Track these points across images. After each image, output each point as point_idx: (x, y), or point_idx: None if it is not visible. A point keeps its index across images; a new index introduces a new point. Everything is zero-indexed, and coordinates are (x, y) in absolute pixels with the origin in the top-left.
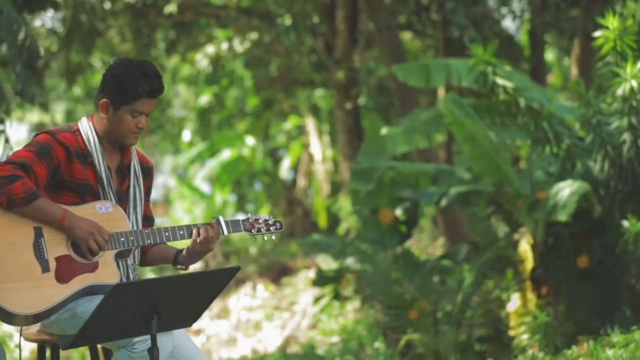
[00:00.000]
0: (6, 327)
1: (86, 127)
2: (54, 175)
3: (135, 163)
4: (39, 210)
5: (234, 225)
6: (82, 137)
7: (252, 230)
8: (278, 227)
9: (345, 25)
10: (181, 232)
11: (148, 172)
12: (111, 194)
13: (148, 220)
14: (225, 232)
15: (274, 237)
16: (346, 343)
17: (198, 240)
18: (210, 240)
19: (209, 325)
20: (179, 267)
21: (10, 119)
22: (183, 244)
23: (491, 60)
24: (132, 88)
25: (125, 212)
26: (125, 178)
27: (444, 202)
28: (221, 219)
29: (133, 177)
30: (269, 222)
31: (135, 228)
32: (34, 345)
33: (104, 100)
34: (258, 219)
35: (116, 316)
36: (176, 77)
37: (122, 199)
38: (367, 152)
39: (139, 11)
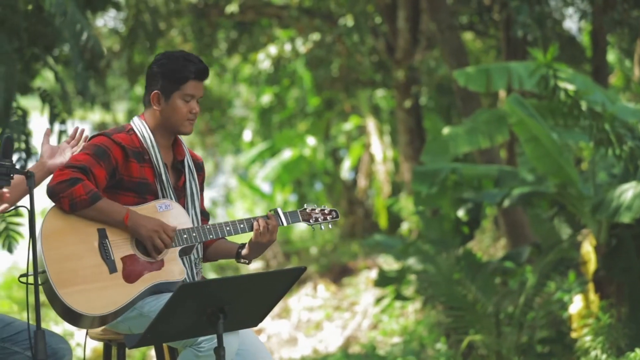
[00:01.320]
0: (67, 326)
1: (140, 125)
2: (113, 176)
3: (188, 158)
4: (101, 211)
5: (292, 216)
6: (136, 135)
7: (310, 220)
8: (334, 216)
9: (407, 26)
10: (242, 226)
11: (200, 168)
12: (169, 190)
13: (204, 215)
14: (284, 223)
15: (330, 226)
16: (407, 344)
17: (259, 232)
18: (271, 231)
19: (270, 325)
20: (242, 261)
21: (72, 119)
22: (243, 238)
23: (552, 63)
24: (179, 73)
25: (184, 207)
26: (180, 174)
27: (506, 203)
28: (279, 210)
29: (188, 172)
30: (325, 211)
31: (194, 221)
32: (96, 344)
33: (155, 91)
34: (314, 209)
35: (183, 316)
36: (237, 77)
37: (180, 195)
38: (430, 152)
39: (201, 11)
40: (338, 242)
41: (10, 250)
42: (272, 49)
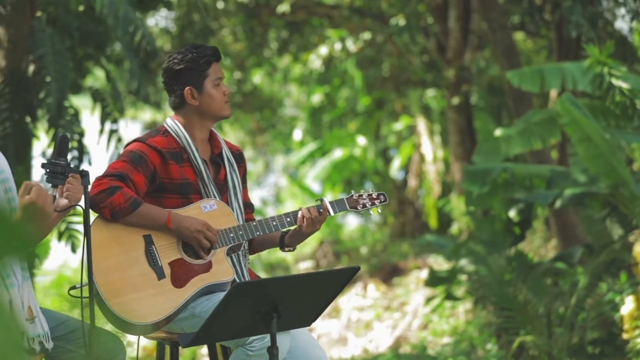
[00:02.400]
0: None
1: (173, 126)
2: (153, 181)
3: (225, 150)
4: (143, 216)
5: (339, 204)
6: (172, 136)
7: (357, 207)
8: (382, 200)
9: (458, 25)
10: (288, 220)
11: (240, 159)
12: (211, 185)
13: (248, 207)
14: (332, 213)
15: (379, 210)
16: (458, 344)
17: (304, 223)
18: (316, 221)
19: (320, 324)
20: (286, 249)
21: (123, 118)
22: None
23: (607, 61)
24: (199, 60)
25: (227, 201)
26: (220, 167)
27: (558, 203)
28: (326, 200)
29: (227, 164)
30: (373, 195)
31: (239, 215)
32: (147, 343)
33: (187, 88)
34: (361, 195)
35: (236, 315)
36: (288, 76)
37: (222, 189)
38: (482, 153)
39: (252, 11)
40: (388, 242)
41: (74, 249)
42: (323, 49)
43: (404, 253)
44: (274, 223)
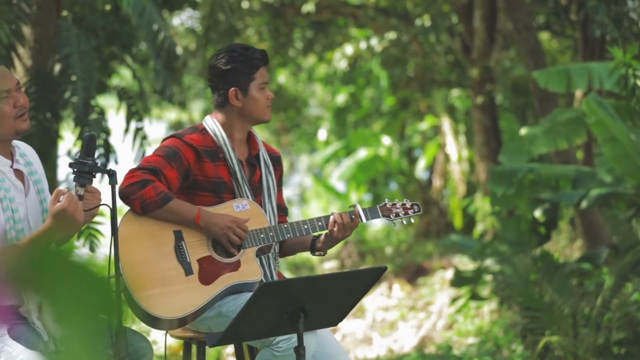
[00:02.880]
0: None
1: (212, 125)
2: (186, 178)
3: (263, 153)
4: (173, 212)
5: (371, 212)
6: (210, 134)
7: (390, 216)
8: (416, 210)
9: (483, 25)
10: (320, 224)
11: (277, 162)
12: (245, 186)
13: (282, 210)
14: (364, 220)
15: (412, 221)
16: (483, 344)
17: (335, 228)
18: (347, 227)
19: (345, 324)
20: (317, 253)
21: (148, 117)
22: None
23: (632, 62)
24: (249, 62)
25: (260, 203)
26: (255, 169)
27: (584, 204)
28: (359, 206)
29: (264, 166)
30: (407, 205)
31: (271, 217)
32: (172, 342)
33: (232, 89)
34: (395, 204)
35: (263, 315)
36: (313, 76)
37: (256, 191)
38: (507, 153)
39: (277, 10)
40: (413, 242)
41: (92, 249)
42: (348, 49)
43: (428, 253)
44: (305, 227)
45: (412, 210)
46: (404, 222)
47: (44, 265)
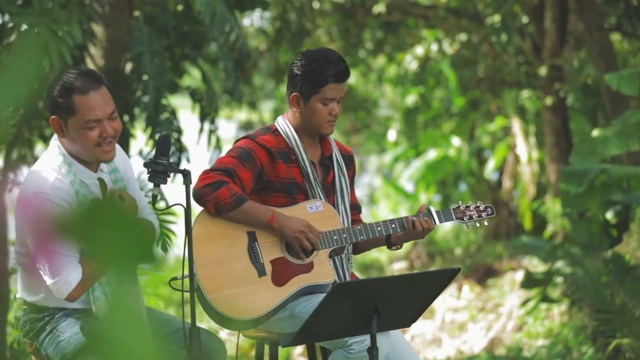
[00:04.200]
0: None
1: (284, 125)
2: (260, 179)
3: (336, 153)
4: (247, 213)
5: (445, 215)
6: (282, 136)
7: (464, 219)
8: (489, 213)
9: (554, 26)
10: (393, 226)
11: (350, 161)
12: (317, 187)
13: (355, 208)
14: (437, 222)
15: (486, 224)
16: (553, 346)
17: (412, 231)
18: (424, 231)
19: (414, 325)
20: (394, 248)
21: (218, 118)
22: None
23: None
24: (318, 76)
25: (334, 204)
26: (329, 169)
27: None
28: (432, 209)
29: (337, 167)
30: (480, 208)
31: (344, 218)
32: (242, 341)
33: (294, 94)
34: (469, 207)
35: (336, 315)
36: (382, 77)
37: (329, 192)
38: (578, 154)
39: (348, 11)
40: (482, 243)
41: (165, 249)
42: (419, 50)
43: (498, 254)
44: (379, 229)
45: (486, 213)
46: (477, 225)
47: (90, 215)
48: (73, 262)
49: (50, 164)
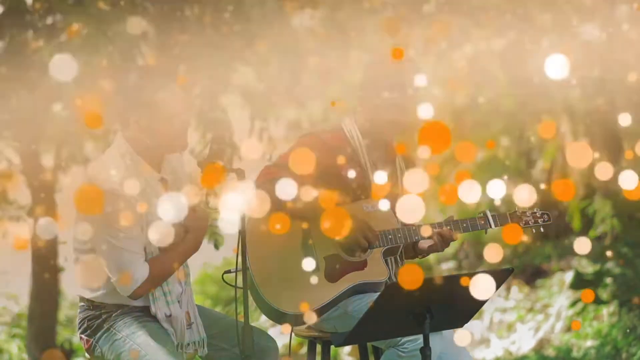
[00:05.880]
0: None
1: (350, 126)
2: (320, 176)
3: (399, 158)
4: (304, 209)
5: (501, 219)
6: (346, 135)
7: (520, 223)
8: (546, 220)
9: None
10: (448, 227)
11: (404, 163)
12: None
13: None
14: (492, 226)
15: (542, 230)
16: (602, 347)
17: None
18: (446, 241)
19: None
20: (419, 256)
21: (269, 116)
22: None
23: None
24: None
25: (392, 206)
26: (389, 172)
27: None
28: (488, 213)
29: (398, 170)
30: (537, 214)
31: (397, 219)
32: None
33: None
34: (525, 212)
35: (389, 315)
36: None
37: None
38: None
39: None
40: (531, 243)
41: (217, 246)
42: (467, 48)
43: (547, 254)
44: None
45: (542, 220)
46: (534, 230)
47: None
48: (140, 259)
49: (116, 162)
